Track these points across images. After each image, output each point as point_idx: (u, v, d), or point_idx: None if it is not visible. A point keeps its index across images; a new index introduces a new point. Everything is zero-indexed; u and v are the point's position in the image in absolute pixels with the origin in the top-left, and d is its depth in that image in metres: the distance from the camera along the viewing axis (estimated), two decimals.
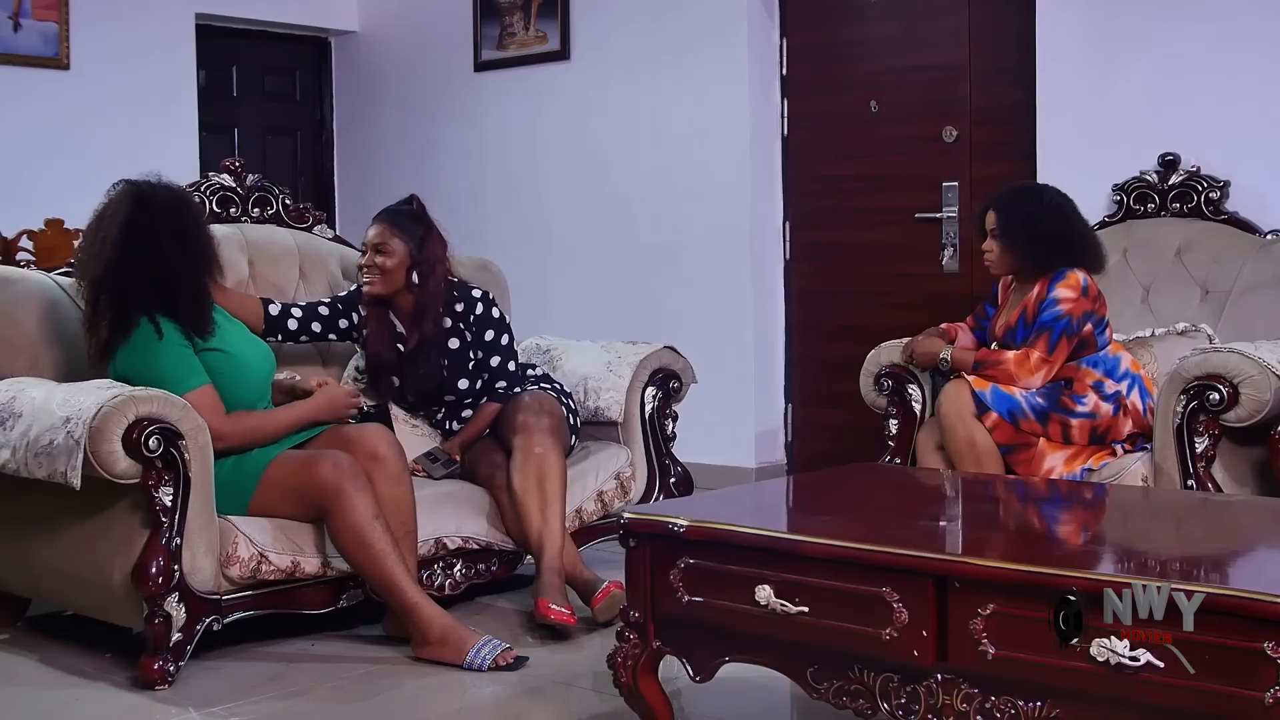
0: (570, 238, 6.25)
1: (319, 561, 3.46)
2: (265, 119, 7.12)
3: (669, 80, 5.88)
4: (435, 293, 3.90)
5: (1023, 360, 3.81)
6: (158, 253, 3.38)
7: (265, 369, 3.60)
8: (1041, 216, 3.95)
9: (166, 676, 3.21)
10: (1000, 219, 3.96)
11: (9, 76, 5.86)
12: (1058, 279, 3.85)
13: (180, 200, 3.51)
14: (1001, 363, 3.83)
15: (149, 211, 3.40)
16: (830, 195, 5.62)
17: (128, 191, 3.44)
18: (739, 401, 5.65)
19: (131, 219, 3.38)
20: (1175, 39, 4.56)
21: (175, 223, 3.42)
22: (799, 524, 3.02)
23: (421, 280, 3.89)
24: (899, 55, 5.39)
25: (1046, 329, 3.81)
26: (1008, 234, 3.94)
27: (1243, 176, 4.37)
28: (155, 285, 3.37)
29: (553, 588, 3.61)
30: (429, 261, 3.89)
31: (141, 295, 3.37)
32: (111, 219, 3.41)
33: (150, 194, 3.44)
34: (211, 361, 3.42)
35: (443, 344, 3.93)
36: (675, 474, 4.28)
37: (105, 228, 3.41)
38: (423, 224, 3.93)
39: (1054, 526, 3.00)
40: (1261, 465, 3.67)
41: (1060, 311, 3.81)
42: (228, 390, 3.43)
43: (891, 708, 2.40)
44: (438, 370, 3.92)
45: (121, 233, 3.38)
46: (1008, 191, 4.08)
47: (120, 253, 3.37)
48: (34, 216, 5.53)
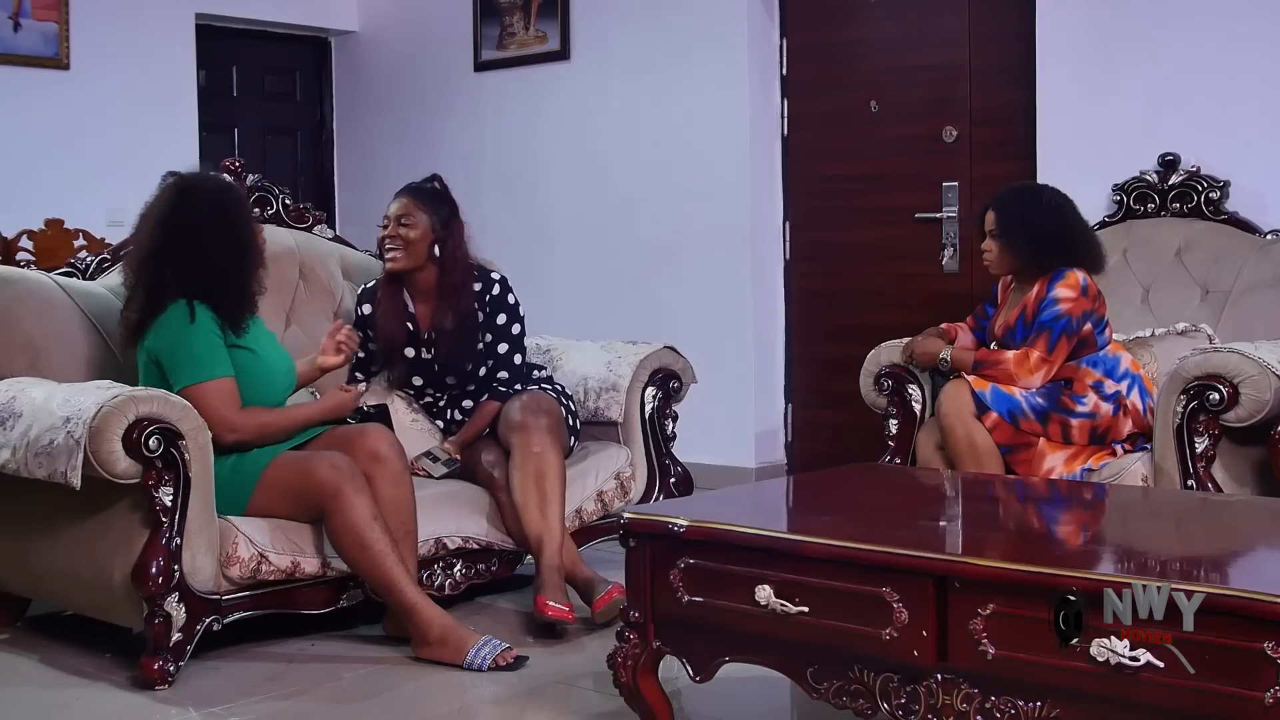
0: (570, 238, 6.25)
1: (319, 561, 3.46)
2: (265, 119, 7.13)
3: (669, 80, 5.88)
4: (461, 266, 3.91)
5: (1022, 360, 3.81)
6: (197, 242, 3.40)
7: (287, 381, 3.62)
8: (1041, 217, 3.94)
9: (166, 676, 3.21)
10: (1000, 219, 3.96)
11: (9, 76, 5.86)
12: (1057, 278, 3.85)
13: (223, 191, 3.53)
14: (1001, 363, 3.83)
15: (190, 201, 3.44)
16: (830, 195, 5.62)
17: (173, 183, 3.49)
18: (739, 401, 5.66)
19: (173, 209, 3.43)
20: (1175, 39, 4.56)
21: (217, 213, 3.45)
22: (799, 524, 3.02)
23: (444, 254, 3.89)
24: (899, 55, 5.39)
25: (1046, 328, 3.81)
26: (1007, 234, 3.94)
27: (1243, 176, 4.37)
28: (194, 273, 3.39)
29: (552, 585, 3.61)
30: (453, 237, 3.91)
31: (179, 282, 3.39)
32: (155, 210, 3.46)
33: (193, 184, 3.49)
34: (238, 358, 3.44)
35: (472, 320, 3.93)
36: (675, 474, 4.28)
37: (148, 219, 3.46)
38: (446, 202, 3.96)
39: (1054, 526, 3.00)
40: (1261, 465, 3.67)
41: (1060, 311, 3.81)
42: (248, 390, 3.44)
43: (891, 708, 2.40)
44: (467, 346, 3.91)
45: (162, 222, 3.42)
46: (1007, 191, 4.08)
47: (160, 241, 3.41)
48: (34, 216, 5.53)
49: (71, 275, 3.85)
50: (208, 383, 3.35)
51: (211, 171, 3.56)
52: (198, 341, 3.37)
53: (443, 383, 4.01)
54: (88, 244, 5.52)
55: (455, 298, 3.92)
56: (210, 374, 3.36)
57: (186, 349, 3.36)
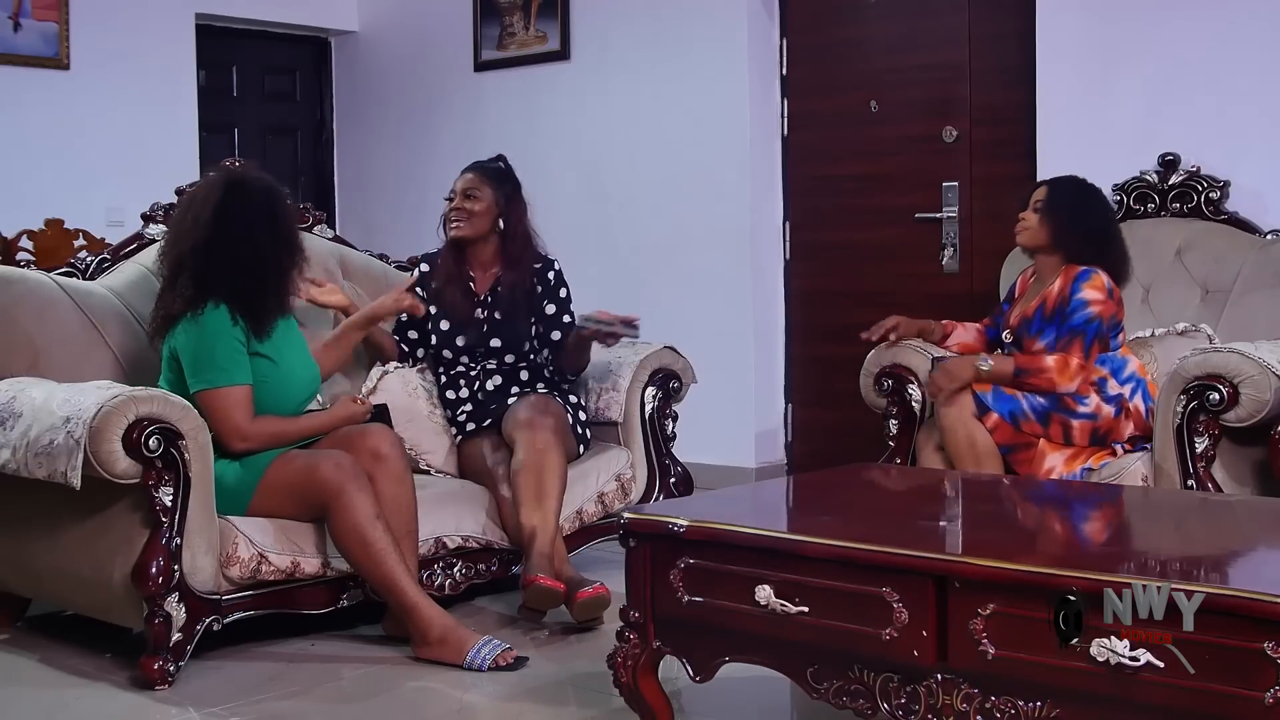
0: (570, 237, 6.21)
1: (319, 561, 3.46)
2: (265, 119, 7.13)
3: (669, 80, 5.88)
4: (521, 239, 4.10)
5: (1063, 367, 3.78)
6: (250, 239, 3.40)
7: (309, 388, 3.63)
8: (1091, 208, 4.00)
9: (166, 676, 3.21)
10: (1051, 195, 3.98)
11: (9, 76, 5.86)
12: (1083, 278, 3.85)
13: (274, 190, 3.53)
14: (1044, 370, 3.78)
15: (243, 197, 3.43)
16: (830, 195, 5.62)
17: (222, 177, 3.48)
18: (739, 401, 5.65)
19: (226, 202, 3.41)
20: (1175, 39, 4.56)
21: (268, 211, 3.45)
22: (799, 524, 3.02)
23: (507, 227, 4.08)
24: (899, 55, 5.39)
25: (1080, 332, 3.81)
26: (1052, 209, 3.94)
27: (1242, 176, 4.37)
28: (240, 270, 3.38)
29: (542, 569, 3.62)
30: (515, 212, 4.11)
31: (224, 279, 3.38)
32: (204, 201, 3.43)
33: (245, 180, 3.48)
34: (257, 367, 3.43)
35: (528, 289, 4.08)
36: (675, 474, 4.28)
37: (198, 209, 3.43)
38: (510, 179, 4.16)
39: (1054, 526, 3.00)
40: (1261, 465, 3.67)
41: (1091, 314, 3.81)
42: (264, 399, 3.44)
43: (891, 708, 2.40)
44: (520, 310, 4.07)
45: (215, 215, 3.40)
46: (1067, 176, 4.09)
47: (211, 233, 3.39)
48: (34, 216, 5.53)
49: (71, 275, 3.85)
50: (225, 389, 3.35)
51: (258, 169, 3.55)
52: (221, 346, 3.36)
53: (486, 346, 4.07)
54: (88, 244, 5.52)
55: (514, 268, 4.09)
56: (230, 380, 3.36)
57: (209, 353, 3.36)
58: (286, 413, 3.52)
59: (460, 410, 4.05)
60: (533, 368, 4.12)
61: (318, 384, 3.67)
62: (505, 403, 3.98)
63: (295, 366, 3.55)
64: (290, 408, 3.54)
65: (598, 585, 3.65)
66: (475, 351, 4.08)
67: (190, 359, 3.37)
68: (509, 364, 4.08)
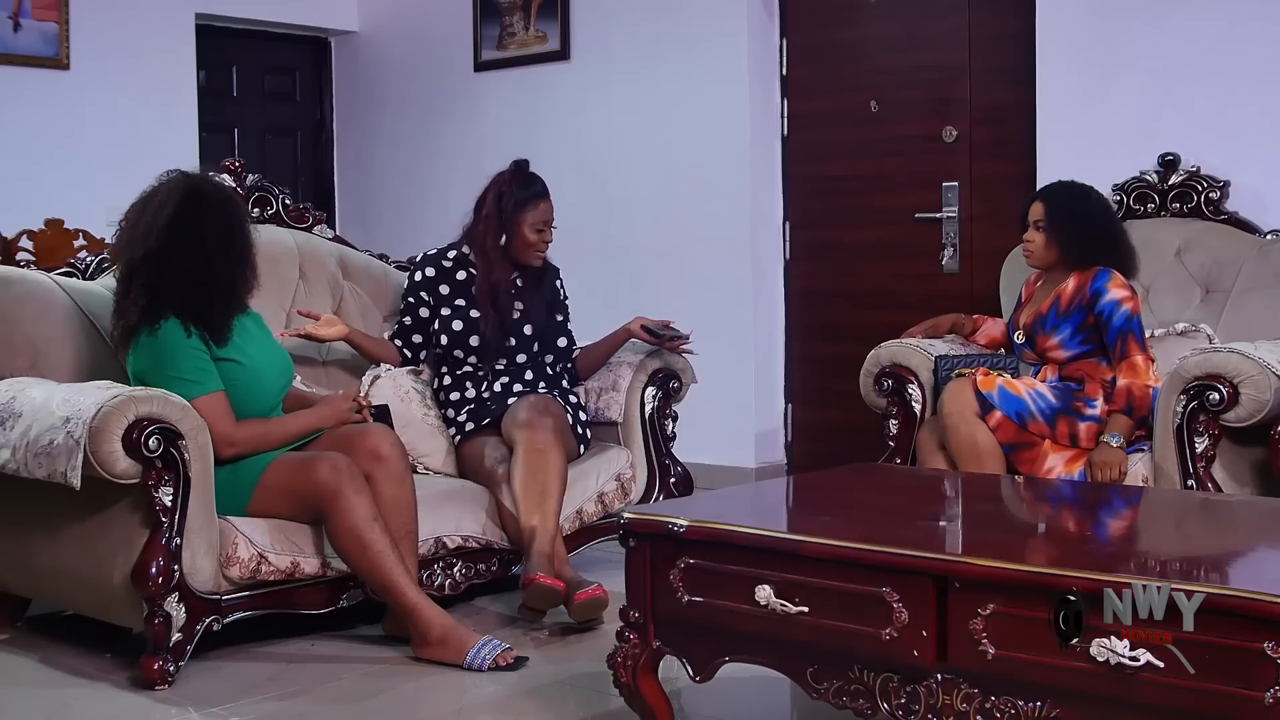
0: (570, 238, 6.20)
1: (319, 562, 3.46)
2: (265, 119, 7.12)
3: (669, 80, 5.88)
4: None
5: (1136, 374, 3.78)
6: (201, 249, 3.35)
7: (281, 380, 3.60)
8: (1091, 212, 4.01)
9: (166, 676, 3.21)
10: (1049, 209, 3.98)
11: (9, 76, 5.86)
12: (1104, 277, 3.86)
13: (230, 200, 3.49)
14: (1131, 392, 3.76)
15: (199, 206, 3.37)
16: (830, 195, 5.62)
17: (180, 182, 3.40)
18: (739, 401, 5.65)
19: (180, 211, 3.35)
20: (1175, 39, 4.56)
21: (222, 221, 3.40)
22: (799, 524, 3.02)
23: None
24: (899, 55, 5.39)
25: (1126, 331, 3.82)
26: (1057, 224, 3.95)
27: (1243, 176, 4.37)
28: (191, 282, 3.34)
29: (542, 568, 3.63)
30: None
31: (175, 290, 3.33)
32: (160, 207, 3.36)
33: (202, 188, 3.42)
34: (225, 371, 3.41)
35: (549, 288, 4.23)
36: (675, 474, 4.28)
37: (152, 214, 3.36)
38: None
39: (1054, 526, 3.00)
40: (1261, 465, 3.67)
41: (1128, 311, 3.83)
42: (239, 400, 3.42)
43: (891, 708, 2.40)
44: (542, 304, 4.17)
45: (168, 224, 3.34)
46: (1056, 185, 4.10)
47: (163, 243, 3.33)
48: (34, 216, 5.53)
49: (71, 275, 3.85)
50: (199, 399, 3.31)
51: (213, 174, 3.50)
52: (184, 360, 3.33)
53: (502, 345, 4.07)
54: (88, 244, 5.52)
55: (538, 270, 4.20)
56: (202, 389, 3.33)
57: (174, 369, 3.32)
58: (264, 409, 3.50)
59: (461, 410, 4.05)
60: (537, 368, 4.12)
61: (290, 373, 3.64)
62: (506, 403, 3.98)
63: (263, 363, 3.52)
64: (267, 403, 3.53)
65: (596, 586, 3.65)
66: (483, 352, 4.08)
67: (158, 380, 3.30)
68: (519, 364, 4.08)
